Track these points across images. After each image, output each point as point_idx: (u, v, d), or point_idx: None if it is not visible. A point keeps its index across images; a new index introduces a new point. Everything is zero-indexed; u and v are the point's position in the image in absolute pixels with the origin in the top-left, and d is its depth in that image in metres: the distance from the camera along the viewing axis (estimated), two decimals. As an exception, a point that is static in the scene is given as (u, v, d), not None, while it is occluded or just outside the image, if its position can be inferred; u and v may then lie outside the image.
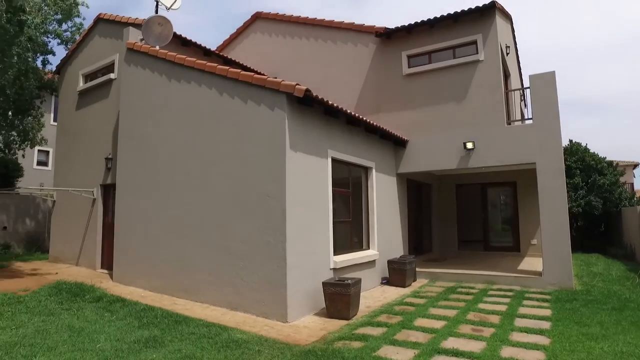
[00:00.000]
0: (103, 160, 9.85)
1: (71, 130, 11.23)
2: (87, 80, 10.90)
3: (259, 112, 6.43)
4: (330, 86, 11.21)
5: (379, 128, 8.75)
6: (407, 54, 10.75)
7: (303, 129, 6.56)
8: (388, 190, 9.79)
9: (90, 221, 10.20)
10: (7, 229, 14.33)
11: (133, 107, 8.69)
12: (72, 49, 11.42)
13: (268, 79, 6.34)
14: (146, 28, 8.47)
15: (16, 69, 10.81)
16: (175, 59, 7.71)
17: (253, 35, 13.56)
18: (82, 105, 10.89)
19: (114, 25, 9.97)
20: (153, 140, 8.13)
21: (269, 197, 6.17)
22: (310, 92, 6.05)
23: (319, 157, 6.99)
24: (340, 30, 11.79)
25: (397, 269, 8.72)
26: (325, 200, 7.10)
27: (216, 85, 7.03)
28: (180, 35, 9.48)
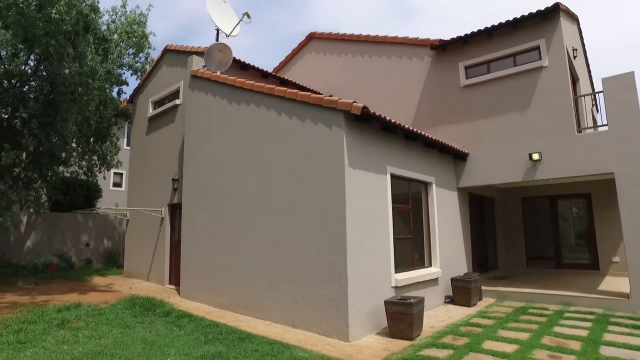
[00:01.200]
0: (170, 181, 10.47)
1: (142, 153, 12.09)
2: (156, 106, 11.73)
3: (317, 130, 6.53)
4: (386, 101, 11.16)
5: (437, 142, 8.54)
6: (464, 64, 10.46)
7: (361, 146, 6.56)
8: (449, 205, 9.47)
9: (159, 239, 10.83)
10: (89, 246, 15.60)
11: (197, 130, 9.19)
12: (143, 79, 12.38)
13: (325, 97, 6.43)
14: (208, 55, 8.99)
15: (97, 101, 11.88)
16: (235, 82, 8.08)
17: (308, 55, 13.90)
18: (152, 130, 11.71)
19: (179, 54, 10.69)
20: (215, 161, 8.52)
21: (329, 214, 6.19)
22: (367, 109, 6.05)
23: (378, 173, 6.94)
24: (394, 45, 11.76)
25: (461, 287, 8.34)
26: (385, 217, 7.00)
27: (274, 106, 7.26)
28: (239, 60, 9.95)
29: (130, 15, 14.30)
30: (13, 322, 6.43)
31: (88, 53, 9.88)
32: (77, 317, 6.80)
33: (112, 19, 14.06)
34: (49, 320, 6.55)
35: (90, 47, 9.84)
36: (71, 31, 9.08)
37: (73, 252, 15.09)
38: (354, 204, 6.19)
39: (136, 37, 13.45)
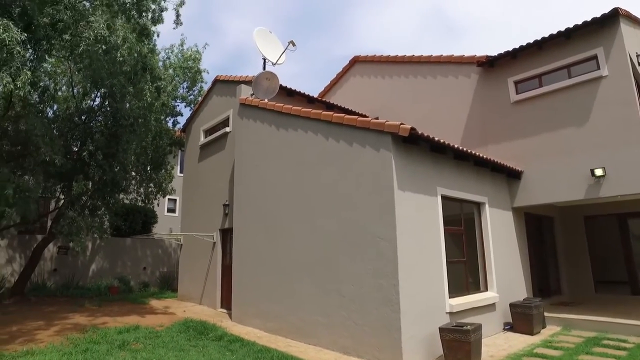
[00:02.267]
0: (221, 207, 10.81)
1: (194, 180, 12.63)
2: (207, 135, 12.28)
3: (364, 153, 6.53)
4: (433, 121, 10.98)
5: (489, 161, 8.24)
6: (513, 80, 10.11)
7: (410, 167, 6.46)
8: (504, 226, 9.02)
9: (211, 263, 11.13)
10: (146, 270, 16.33)
11: (246, 156, 9.49)
12: (195, 109, 13.06)
13: (372, 120, 6.44)
14: (255, 84, 9.34)
15: (154, 132, 12.66)
16: (282, 109, 8.31)
17: (352, 79, 14.06)
18: (203, 157, 12.23)
19: (229, 84, 11.19)
20: (265, 186, 8.72)
21: (379, 238, 6.10)
22: (415, 131, 5.98)
23: (428, 195, 6.78)
24: (439, 64, 11.63)
25: (521, 314, 7.83)
26: (437, 240, 6.79)
27: (321, 130, 7.36)
28: (286, 87, 10.24)
29: (186, 52, 15.28)
30: (81, 342, 6.82)
31: (146, 90, 10.64)
32: (136, 339, 7.07)
33: (167, 56, 15.06)
34: (111, 341, 6.86)
35: (147, 84, 10.59)
36: (131, 71, 9.85)
37: (132, 275, 15.84)
38: (404, 227, 6.06)
39: (191, 73, 14.31)
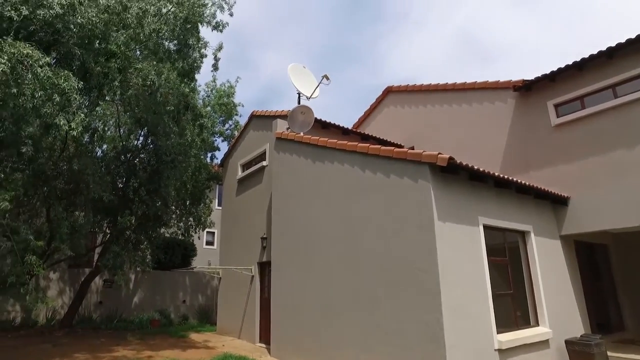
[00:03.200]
0: (259, 240, 10.91)
1: (232, 213, 12.87)
2: (244, 169, 12.58)
3: (402, 185, 6.47)
4: (470, 148, 10.79)
5: (532, 187, 7.94)
6: (553, 103, 9.84)
7: (450, 197, 6.33)
8: (552, 255, 8.56)
9: (249, 297, 11.14)
10: (186, 303, 16.55)
11: (283, 190, 9.61)
12: (232, 144, 13.48)
13: (409, 151, 6.41)
14: (291, 118, 9.57)
15: (193, 167, 13.14)
16: (317, 142, 8.43)
17: (386, 110, 14.13)
18: (241, 191, 12.50)
19: (265, 119, 11.53)
20: (302, 219, 8.75)
21: (421, 271, 5.93)
22: (454, 160, 5.89)
23: (470, 225, 6.58)
24: (473, 91, 11.52)
25: (580, 352, 7.27)
26: (482, 271, 6.52)
27: (358, 162, 7.38)
28: (320, 119, 10.43)
29: (220, 88, 15.99)
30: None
31: (188, 128, 11.18)
32: (179, 375, 7.09)
33: (207, 94, 15.82)
34: (155, 377, 6.92)
35: (189, 123, 11.15)
36: (174, 110, 10.41)
37: (172, 308, 16.08)
38: (446, 259, 5.88)
39: (227, 108, 14.93)
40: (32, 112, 6.77)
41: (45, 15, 7.00)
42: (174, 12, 9.54)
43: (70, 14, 7.57)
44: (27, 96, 6.38)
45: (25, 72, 6.26)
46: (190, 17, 9.87)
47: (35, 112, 6.77)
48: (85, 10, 7.60)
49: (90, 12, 7.67)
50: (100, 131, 12.60)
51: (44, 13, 6.96)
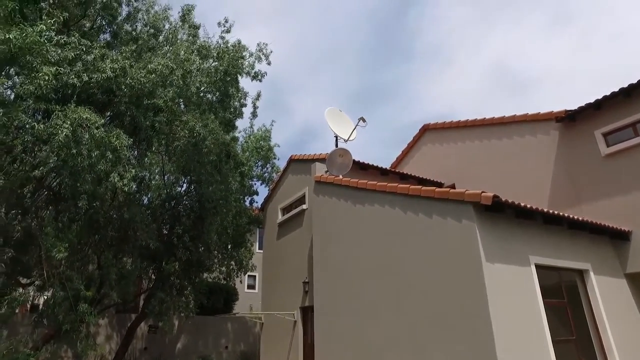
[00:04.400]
0: (301, 284, 10.81)
1: (273, 258, 12.91)
2: (284, 212, 12.71)
3: (446, 225, 6.29)
4: (514, 184, 10.42)
5: (587, 223, 7.49)
6: (601, 132, 9.44)
7: (497, 237, 6.08)
8: (618, 295, 7.89)
9: (292, 343, 10.91)
10: (228, 348, 16.43)
11: (323, 233, 9.58)
12: (272, 188, 13.73)
13: (451, 191, 6.29)
14: (329, 161, 9.68)
15: (234, 211, 13.43)
16: (357, 184, 8.44)
17: (424, 147, 14.03)
18: (282, 235, 12.57)
19: (303, 162, 11.73)
20: (344, 263, 8.63)
21: (471, 316, 5.63)
22: (498, 198, 5.71)
23: (520, 265, 6.25)
24: (513, 124, 11.28)
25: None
26: (538, 315, 6.10)
27: (398, 204, 7.29)
28: (359, 161, 10.49)
29: (257, 133, 16.54)
30: None
31: (230, 176, 11.57)
32: None
33: (245, 140, 16.39)
34: None
35: (230, 170, 11.55)
36: (216, 160, 10.84)
37: (214, 354, 15.96)
38: (498, 302, 5.56)
39: (263, 151, 15.40)
40: (88, 169, 7.27)
41: (99, 79, 7.65)
42: (215, 67, 10.15)
43: (122, 77, 8.24)
44: (84, 155, 6.89)
45: (83, 134, 6.80)
46: (230, 70, 10.46)
47: (91, 169, 7.27)
48: (135, 72, 8.24)
49: (139, 74, 8.30)
50: (147, 180, 13.23)
51: (98, 77, 7.60)
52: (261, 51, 11.51)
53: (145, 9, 11.31)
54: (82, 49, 8.00)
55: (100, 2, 9.70)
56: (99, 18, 10.51)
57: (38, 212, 9.58)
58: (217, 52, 10.69)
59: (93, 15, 10.26)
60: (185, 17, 11.83)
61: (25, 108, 7.24)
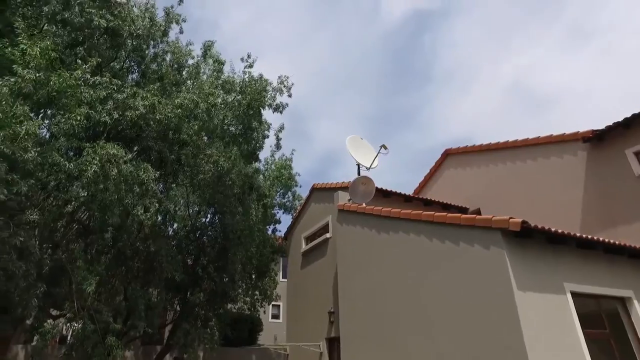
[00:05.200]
0: (326, 314, 10.61)
1: (298, 287, 12.78)
2: (308, 241, 12.66)
3: (473, 253, 6.13)
4: (542, 207, 10.12)
5: (625, 247, 7.13)
6: (633, 150, 9.14)
7: (528, 264, 5.86)
8: (664, 325, 7.40)
9: (319, 375, 10.61)
10: (252, 382, 16.11)
11: (348, 262, 9.47)
12: (295, 217, 13.75)
13: (477, 217, 6.15)
14: (352, 189, 9.67)
15: (257, 241, 13.49)
16: (380, 212, 8.36)
17: (447, 172, 13.87)
18: (306, 264, 12.48)
19: (326, 191, 11.75)
20: (370, 292, 8.46)
21: (505, 349, 5.37)
22: (527, 224, 5.54)
23: (555, 293, 5.97)
24: (537, 146, 11.06)
25: None
26: (578, 347, 5.75)
27: (423, 231, 7.16)
28: (382, 188, 10.43)
29: (278, 162, 16.75)
30: None
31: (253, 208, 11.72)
32: None
33: (265, 169, 16.61)
34: None
35: (253, 201, 11.71)
36: (240, 192, 11.03)
37: (239, 387, 15.68)
38: (534, 334, 5.30)
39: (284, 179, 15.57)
40: (117, 203, 7.50)
41: (131, 116, 8.00)
42: (238, 100, 10.46)
43: (150, 112, 8.58)
44: (112, 190, 7.13)
45: (111, 169, 7.06)
46: (252, 103, 10.78)
47: (119, 202, 7.49)
48: (163, 107, 8.58)
49: (167, 109, 8.63)
50: (172, 212, 13.49)
51: (130, 114, 7.95)
52: (282, 84, 11.85)
53: (171, 49, 11.88)
54: (113, 88, 8.43)
55: (130, 45, 10.26)
56: (129, 59, 11.08)
57: (69, 245, 9.86)
58: (240, 86, 11.06)
59: (123, 57, 10.83)
60: (207, 52, 12.35)
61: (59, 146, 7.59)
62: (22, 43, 6.85)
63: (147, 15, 11.17)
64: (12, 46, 6.84)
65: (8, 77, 6.35)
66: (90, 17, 8.27)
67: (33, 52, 6.72)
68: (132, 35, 9.77)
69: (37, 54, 6.76)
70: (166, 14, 11.70)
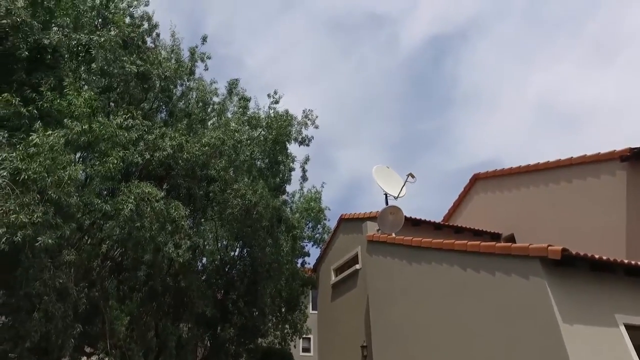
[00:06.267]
0: (359, 348, 10.27)
1: (329, 320, 12.49)
2: (337, 273, 12.46)
3: (511, 283, 5.85)
4: (580, 231, 9.62)
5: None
6: (676, 168, 8.69)
7: (572, 295, 5.54)
8: None
9: (354, 414, 10.18)
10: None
11: (380, 294, 9.22)
12: (324, 249, 13.62)
13: (512, 245, 5.92)
14: (380, 219, 9.53)
15: (287, 274, 13.39)
16: (411, 242, 8.17)
17: (476, 197, 13.52)
18: (336, 296, 12.24)
19: (354, 222, 11.62)
20: (403, 325, 8.17)
21: (555, 388, 5.02)
22: (568, 252, 5.27)
23: (606, 326, 5.58)
24: (571, 167, 10.67)
25: None
26: (637, 387, 5.32)
27: (457, 261, 6.93)
28: (411, 217, 10.24)
29: (307, 195, 16.79)
30: None
31: (282, 240, 11.73)
32: None
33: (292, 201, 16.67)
34: None
35: (282, 233, 11.73)
36: (268, 225, 11.08)
37: None
38: (586, 372, 4.93)
39: (314, 212, 15.54)
40: (150, 241, 7.65)
41: (160, 156, 8.26)
42: (264, 135, 10.68)
43: (178, 151, 8.85)
44: (146, 228, 7.30)
45: (145, 207, 7.26)
46: (278, 138, 10.96)
47: (152, 240, 7.65)
48: (191, 146, 8.84)
49: (194, 147, 8.88)
50: (201, 247, 13.62)
51: (159, 155, 8.23)
52: (307, 117, 12.04)
53: (196, 86, 12.35)
54: (144, 129, 8.77)
55: (158, 86, 10.72)
56: (157, 100, 11.56)
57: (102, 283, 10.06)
58: (266, 121, 11.32)
59: (152, 98, 11.31)
60: (232, 90, 12.77)
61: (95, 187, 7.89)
62: (69, 94, 7.37)
63: (174, 56, 11.75)
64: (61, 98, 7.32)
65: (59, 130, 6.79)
66: (123, 64, 8.73)
67: (78, 102, 7.20)
68: (160, 77, 10.24)
69: (82, 103, 7.26)
70: (191, 53, 12.27)
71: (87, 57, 8.53)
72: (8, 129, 7.26)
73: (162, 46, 11.61)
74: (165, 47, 11.72)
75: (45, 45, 7.85)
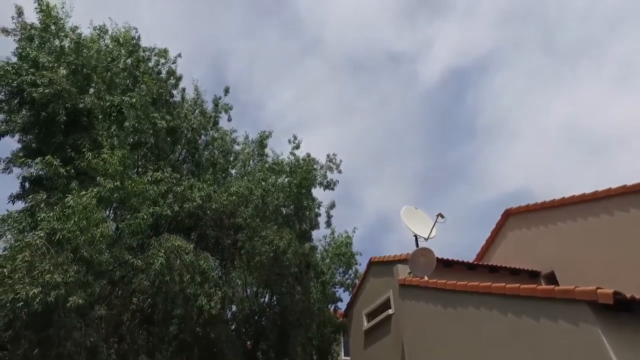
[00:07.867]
0: (398, 401, 9.69)
1: (363, 369, 11.89)
2: (369, 318, 11.99)
3: (558, 330, 5.45)
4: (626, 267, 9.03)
5: None
6: None
7: (632, 342, 5.08)
8: None
9: None
10: None
11: (414, 340, 8.77)
12: (354, 293, 13.22)
13: (556, 288, 5.56)
14: (412, 262, 9.24)
15: (317, 321, 13.00)
16: (445, 286, 7.83)
17: (510, 234, 12.98)
18: (369, 343, 11.71)
19: (384, 265, 11.30)
20: (443, 376, 7.67)
21: None
22: (621, 295, 4.89)
23: (674, 378, 5.06)
24: (610, 199, 10.18)
25: None
26: None
27: (495, 305, 6.56)
28: (442, 258, 9.89)
29: (338, 239, 16.53)
30: None
31: (312, 287, 11.50)
32: None
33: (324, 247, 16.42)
34: None
35: (311, 279, 11.51)
36: (297, 271, 10.92)
37: None
38: None
39: (345, 257, 15.23)
40: (180, 294, 7.63)
41: (190, 207, 8.39)
42: (288, 181, 10.74)
43: (207, 202, 8.98)
44: (176, 281, 7.30)
45: (175, 260, 7.30)
46: (303, 183, 11.00)
47: (182, 293, 7.62)
48: (219, 196, 8.96)
49: (222, 197, 9.00)
50: (230, 295, 13.47)
51: (188, 206, 8.36)
52: (331, 161, 12.10)
53: (220, 136, 12.72)
54: (172, 181, 9.00)
55: (185, 137, 11.10)
56: (184, 151, 11.93)
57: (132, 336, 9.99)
58: (289, 167, 11.42)
59: (179, 150, 11.68)
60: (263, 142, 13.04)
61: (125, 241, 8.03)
62: (105, 153, 7.71)
63: (198, 109, 12.24)
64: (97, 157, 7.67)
65: (92, 188, 7.03)
66: (155, 120, 9.12)
67: (112, 160, 7.49)
68: (188, 130, 10.61)
69: (116, 161, 7.54)
70: (215, 104, 12.75)
71: (120, 117, 8.96)
72: (46, 189, 7.59)
73: (186, 99, 12.15)
74: (188, 100, 12.25)
75: (81, 109, 8.32)
